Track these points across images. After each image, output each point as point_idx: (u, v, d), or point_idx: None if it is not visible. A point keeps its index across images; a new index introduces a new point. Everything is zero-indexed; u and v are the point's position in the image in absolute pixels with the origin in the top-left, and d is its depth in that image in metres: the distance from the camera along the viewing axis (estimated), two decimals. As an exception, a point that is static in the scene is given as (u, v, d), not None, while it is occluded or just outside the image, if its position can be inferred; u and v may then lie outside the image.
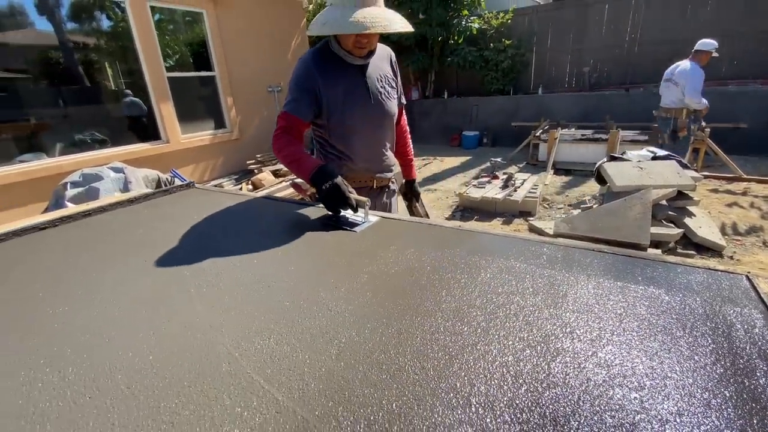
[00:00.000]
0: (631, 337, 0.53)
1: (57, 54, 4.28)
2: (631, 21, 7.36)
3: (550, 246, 0.82)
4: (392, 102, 1.43)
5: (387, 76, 1.42)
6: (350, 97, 1.33)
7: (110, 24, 4.53)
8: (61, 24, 4.19)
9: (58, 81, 4.31)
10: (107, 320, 0.64)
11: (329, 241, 0.91)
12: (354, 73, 1.33)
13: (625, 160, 3.20)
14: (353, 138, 1.39)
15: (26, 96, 4.08)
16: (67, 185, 3.26)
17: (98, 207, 1.26)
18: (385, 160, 1.51)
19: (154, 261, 0.85)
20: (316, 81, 1.28)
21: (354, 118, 1.35)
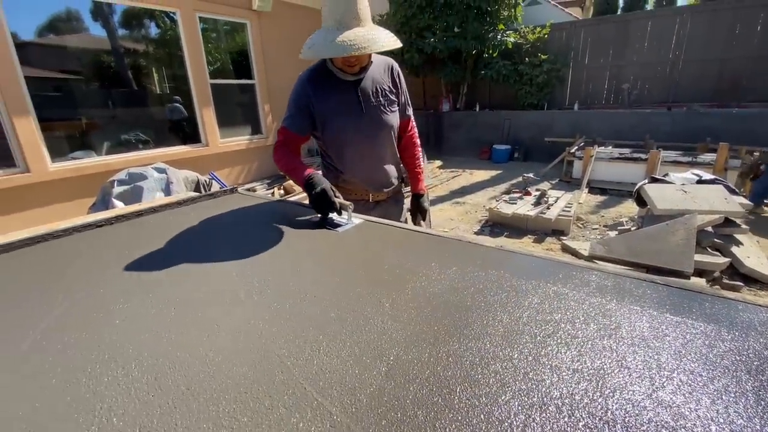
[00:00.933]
0: (693, 378, 0.51)
1: (109, 58, 4.55)
2: (675, 38, 7.11)
3: (599, 273, 0.80)
4: (389, 114, 1.44)
5: (384, 89, 1.44)
6: (341, 110, 1.38)
7: (159, 32, 4.79)
8: (114, 30, 4.47)
9: (108, 83, 4.58)
10: (163, 319, 0.67)
11: (372, 255, 0.92)
12: (346, 88, 1.38)
13: (667, 183, 3.07)
14: (345, 150, 1.44)
15: (79, 97, 4.34)
16: (115, 183, 3.45)
17: (149, 208, 1.33)
18: (380, 173, 1.51)
19: (204, 263, 0.89)
20: (309, 97, 1.37)
21: (345, 131, 1.40)
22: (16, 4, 3.53)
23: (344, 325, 0.64)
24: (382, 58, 1.45)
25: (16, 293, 0.80)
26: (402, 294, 0.73)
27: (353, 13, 1.19)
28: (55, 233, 1.12)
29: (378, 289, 0.75)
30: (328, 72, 1.38)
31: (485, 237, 3.63)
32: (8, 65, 3.38)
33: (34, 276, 0.88)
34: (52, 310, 0.73)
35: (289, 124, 1.39)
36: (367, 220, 1.19)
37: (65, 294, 0.78)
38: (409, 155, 1.62)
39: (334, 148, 1.45)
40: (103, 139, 4.47)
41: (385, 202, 1.59)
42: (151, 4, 4.39)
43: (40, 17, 3.89)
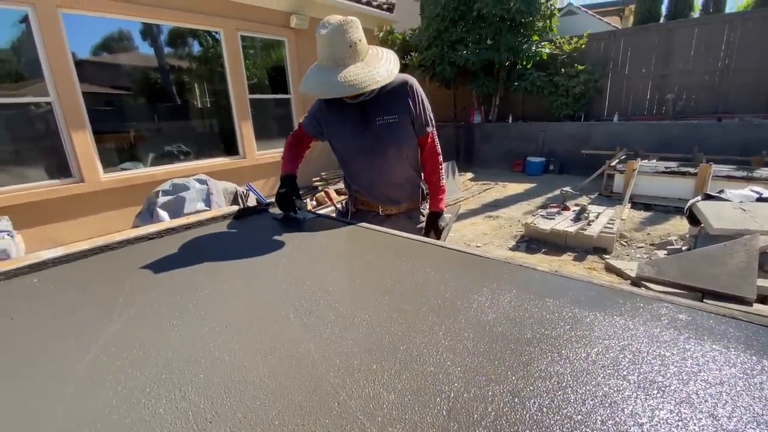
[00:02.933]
0: (803, 437, 0.45)
1: (155, 74, 4.83)
2: (724, 46, 6.74)
3: (670, 306, 0.74)
4: (399, 132, 1.46)
5: (396, 107, 1.45)
6: (345, 127, 1.48)
7: (202, 50, 5.04)
8: (161, 48, 4.75)
9: (154, 98, 4.86)
10: (216, 339, 0.67)
11: (420, 278, 0.90)
12: (353, 108, 1.45)
13: (723, 200, 2.87)
14: (351, 164, 1.56)
15: (128, 110, 4.62)
16: (159, 193, 3.62)
17: (197, 221, 1.37)
18: (386, 189, 1.57)
19: (251, 279, 0.90)
20: (321, 111, 1.52)
21: (348, 147, 1.51)
22: (76, 25, 3.82)
23: (398, 354, 0.62)
24: (399, 76, 1.44)
25: (76, 304, 0.83)
26: (455, 322, 0.70)
27: (347, 52, 1.24)
28: (111, 245, 1.17)
29: (429, 316, 0.72)
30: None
31: (537, 256, 3.51)
32: (69, 82, 3.64)
33: (92, 287, 0.92)
34: (110, 324, 0.75)
35: (303, 123, 1.60)
36: (400, 235, 1.17)
37: (122, 308, 0.80)
38: (427, 172, 1.62)
39: (342, 161, 1.59)
40: (149, 150, 4.72)
41: (397, 217, 1.63)
42: (196, 25, 4.64)
43: (96, 37, 4.19)
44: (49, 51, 3.47)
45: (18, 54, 3.52)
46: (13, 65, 3.54)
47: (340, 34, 1.22)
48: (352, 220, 1.41)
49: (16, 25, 3.46)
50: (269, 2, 5.11)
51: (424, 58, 8.06)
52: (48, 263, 1.05)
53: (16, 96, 3.48)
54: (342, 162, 1.59)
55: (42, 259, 1.05)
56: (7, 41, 3.47)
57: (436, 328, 0.68)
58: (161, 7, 4.23)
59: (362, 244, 1.16)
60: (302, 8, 5.46)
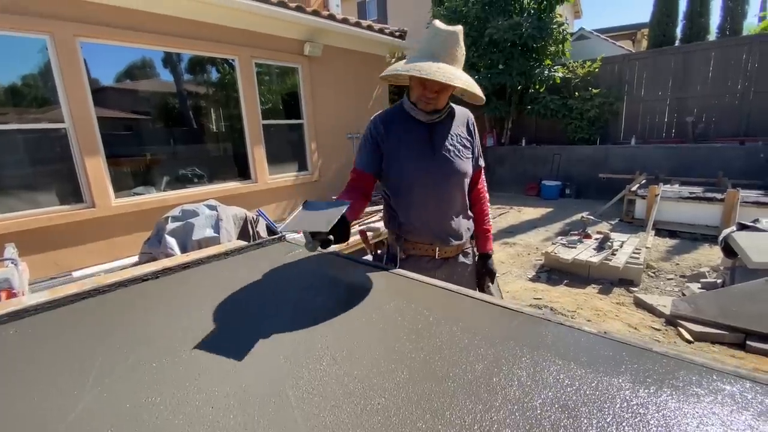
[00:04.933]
0: None
1: (174, 100, 4.92)
2: (743, 67, 6.61)
3: (754, 385, 0.59)
4: (463, 161, 1.37)
5: (460, 135, 1.40)
6: (410, 149, 1.33)
7: (219, 76, 5.13)
8: (180, 75, 4.84)
9: (171, 123, 4.92)
10: (198, 424, 0.55)
11: (443, 338, 0.77)
12: (419, 128, 1.34)
13: (760, 230, 2.68)
14: (412, 193, 1.36)
15: (143, 135, 4.67)
16: (168, 219, 3.57)
17: (196, 259, 1.27)
18: (449, 222, 1.39)
19: (251, 338, 0.78)
20: (379, 134, 1.35)
21: (413, 172, 1.33)
22: (94, 53, 3.90)
23: (423, 459, 0.48)
24: (461, 109, 1.44)
25: (49, 365, 0.72)
26: (491, 409, 0.56)
27: (453, 54, 1.19)
28: (102, 288, 1.07)
29: (460, 394, 0.59)
30: (404, 114, 1.37)
31: (560, 289, 3.33)
32: (84, 108, 3.69)
33: (70, 344, 0.81)
34: (81, 395, 0.63)
35: (357, 162, 1.38)
36: (431, 284, 1.04)
37: (97, 375, 0.69)
38: (477, 210, 1.52)
39: (401, 190, 1.37)
40: (163, 174, 4.73)
41: (453, 260, 1.46)
42: (213, 53, 4.72)
43: (115, 65, 4.28)
44: (66, 78, 3.53)
45: (35, 81, 3.59)
46: (30, 91, 3.61)
47: (456, 37, 1.20)
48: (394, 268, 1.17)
49: (35, 52, 3.55)
50: (283, 31, 5.21)
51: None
52: (30, 310, 0.96)
53: (30, 122, 3.53)
54: (396, 193, 1.39)
55: (24, 306, 0.96)
56: (25, 68, 3.54)
57: (469, 419, 0.55)
58: (178, 36, 4.32)
59: (387, 291, 1.03)
60: (316, 36, 5.55)
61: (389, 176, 1.37)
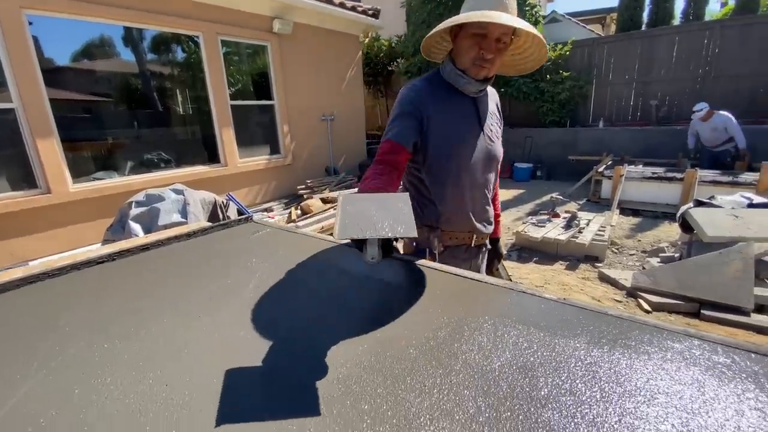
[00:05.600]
0: None
1: (136, 81, 4.67)
2: (705, 53, 6.87)
3: (703, 344, 0.62)
4: (500, 145, 1.28)
5: (495, 115, 1.30)
6: (460, 129, 1.18)
7: (184, 56, 4.88)
8: (143, 55, 4.58)
9: (134, 105, 4.68)
10: (150, 405, 0.53)
11: (409, 304, 0.76)
12: (467, 104, 1.19)
13: (715, 206, 2.83)
14: (459, 179, 1.20)
15: (105, 118, 4.43)
16: (132, 204, 3.42)
17: (156, 241, 1.22)
18: (488, 210, 1.33)
19: (211, 310, 0.75)
20: (424, 104, 1.14)
21: (462, 156, 1.18)
22: (45, 28, 3.62)
23: (384, 427, 0.48)
24: (490, 88, 1.30)
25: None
26: (452, 374, 0.57)
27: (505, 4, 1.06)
28: (51, 272, 1.01)
29: (421, 360, 0.59)
30: (444, 83, 1.19)
31: (530, 266, 3.42)
32: (34, 88, 3.43)
33: (15, 331, 0.76)
34: (24, 380, 0.59)
35: (394, 135, 1.13)
36: (402, 259, 1.04)
37: (42, 359, 0.65)
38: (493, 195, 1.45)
39: (445, 174, 1.19)
40: (127, 158, 4.51)
41: (482, 246, 1.38)
42: (176, 28, 4.47)
43: (70, 42, 4.00)
44: (12, 54, 3.26)
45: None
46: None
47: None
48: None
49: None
50: (250, 6, 4.98)
51: (410, 65, 8.02)
52: (-30, 296, 0.89)
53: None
54: (438, 177, 1.20)
55: (-38, 292, 0.89)
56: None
57: (429, 383, 0.55)
58: (137, 9, 4.06)
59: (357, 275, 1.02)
60: (285, 13, 5.34)
61: (432, 159, 1.18)
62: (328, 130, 6.36)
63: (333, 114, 6.38)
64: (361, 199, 0.81)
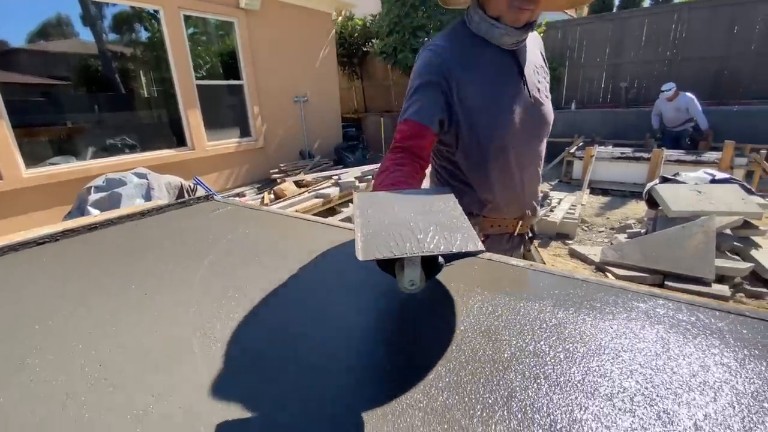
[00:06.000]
0: None
1: (96, 62, 4.41)
2: (672, 35, 7.03)
3: (667, 303, 0.61)
4: (550, 104, 1.03)
5: (543, 67, 1.03)
6: (500, 93, 0.92)
7: (147, 34, 4.62)
8: (102, 34, 4.32)
9: (95, 88, 4.44)
10: (82, 385, 0.48)
11: (376, 282, 0.73)
12: (504, 59, 0.92)
13: (680, 182, 2.92)
14: (505, 156, 0.96)
15: (65, 102, 4.19)
16: (91, 189, 3.23)
17: (105, 220, 1.13)
18: (535, 190, 1.09)
19: (159, 296, 0.69)
20: (450, 69, 0.88)
21: (507, 127, 0.93)
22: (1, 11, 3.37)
23: (342, 385, 0.45)
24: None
25: None
26: (417, 339, 0.54)
27: None
28: (-17, 254, 0.92)
29: (388, 331, 0.56)
30: (473, 38, 0.92)
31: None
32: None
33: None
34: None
35: (415, 113, 0.88)
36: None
37: (-42, 344, 0.58)
38: None
39: (486, 153, 0.95)
40: (87, 144, 4.27)
41: (527, 235, 1.17)
42: (133, 2, 4.19)
43: (22, 21, 3.72)
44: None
45: None
46: None
47: None
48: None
49: None
50: (215, -21, 4.72)
51: (385, 45, 7.85)
52: None
53: None
54: (478, 160, 0.97)
55: None
56: None
57: (394, 349, 0.52)
58: (87, -21, 3.76)
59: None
60: (253, -13, 5.09)
61: (466, 135, 0.93)
62: (300, 112, 6.18)
63: (306, 95, 6.20)
64: (387, 199, 0.62)
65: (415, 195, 0.65)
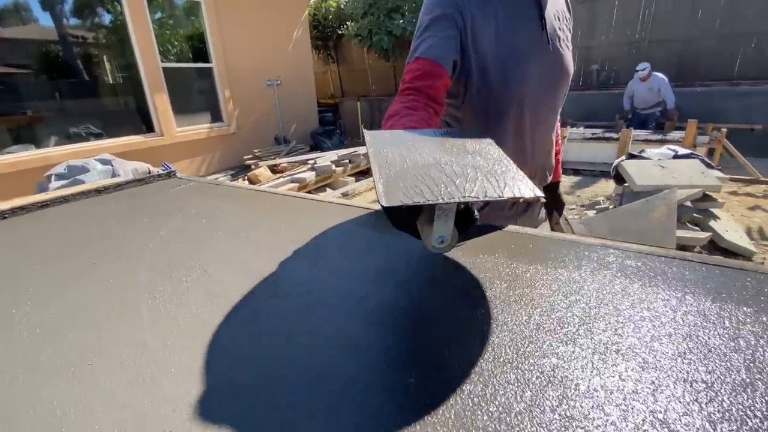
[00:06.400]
0: None
1: (57, 48, 4.22)
2: (641, 18, 7.18)
3: (617, 252, 0.64)
4: (570, 56, 0.93)
5: (565, 14, 0.93)
6: (518, 39, 0.83)
7: (109, 18, 4.41)
8: (63, 19, 4.11)
9: (56, 75, 4.26)
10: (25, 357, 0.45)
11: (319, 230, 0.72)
12: (524, 1, 0.83)
13: (644, 158, 3.02)
14: (519, 114, 0.88)
15: (25, 89, 4.02)
16: (52, 177, 3.09)
17: (58, 197, 1.08)
18: (552, 154, 1.03)
19: (108, 265, 0.67)
20: (466, 3, 0.79)
21: (523, 80, 0.84)
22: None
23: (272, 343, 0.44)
24: None
25: None
26: (379, 293, 0.54)
27: None
28: None
29: (364, 292, 0.56)
30: None
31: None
32: None
33: None
34: None
35: (428, 50, 0.78)
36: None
37: None
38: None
39: (497, 108, 0.87)
40: (50, 132, 4.08)
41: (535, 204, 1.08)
42: (88, -22, 3.95)
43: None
44: None
45: None
46: None
47: None
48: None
49: None
50: (178, -45, 4.49)
51: (360, 27, 7.72)
52: None
53: None
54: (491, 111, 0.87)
55: None
56: None
57: (340, 304, 0.52)
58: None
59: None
60: (218, -35, 4.88)
61: (476, 86, 0.84)
62: (274, 95, 6.03)
63: (279, 78, 6.04)
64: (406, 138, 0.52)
65: (438, 134, 0.55)
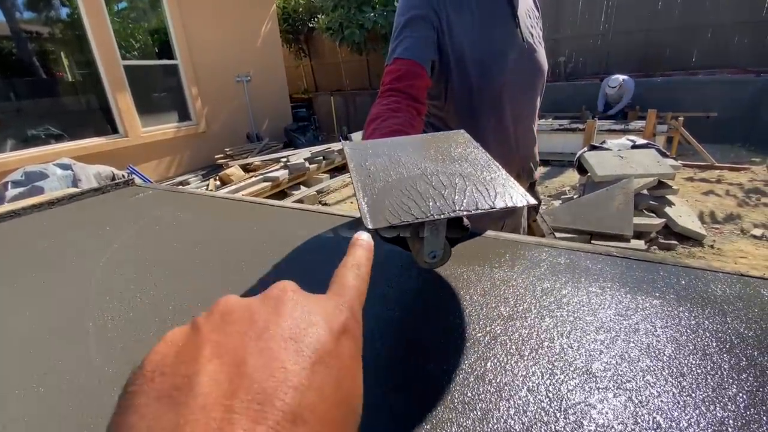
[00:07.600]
0: (675, 387, 0.39)
1: (9, 44, 3.99)
2: (604, 11, 7.39)
3: (550, 250, 0.68)
4: (544, 52, 0.97)
5: (534, 12, 0.98)
6: (494, 36, 0.85)
7: (66, 11, 4.19)
8: (15, 13, 3.88)
9: (10, 73, 4.02)
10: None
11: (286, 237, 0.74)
12: (497, 1, 0.86)
13: (605, 149, 3.15)
14: (499, 110, 0.90)
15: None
16: (8, 185, 2.96)
17: (8, 212, 1.05)
18: (535, 149, 1.05)
19: (58, 284, 0.67)
20: (439, 2, 0.80)
21: (501, 76, 0.86)
22: None
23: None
24: None
25: None
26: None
27: None
28: None
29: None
30: None
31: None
32: None
33: None
34: None
35: (406, 50, 0.79)
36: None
37: None
38: None
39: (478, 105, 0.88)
40: (4, 135, 3.87)
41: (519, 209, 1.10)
42: (37, -28, 3.75)
43: None
44: None
45: None
46: None
47: None
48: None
49: None
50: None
51: (331, 20, 7.63)
52: None
53: None
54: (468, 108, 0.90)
55: None
56: None
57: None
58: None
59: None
60: (179, -42, 4.71)
61: (456, 84, 0.86)
62: (245, 92, 5.91)
63: (249, 74, 5.92)
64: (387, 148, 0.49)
65: (420, 140, 0.54)
